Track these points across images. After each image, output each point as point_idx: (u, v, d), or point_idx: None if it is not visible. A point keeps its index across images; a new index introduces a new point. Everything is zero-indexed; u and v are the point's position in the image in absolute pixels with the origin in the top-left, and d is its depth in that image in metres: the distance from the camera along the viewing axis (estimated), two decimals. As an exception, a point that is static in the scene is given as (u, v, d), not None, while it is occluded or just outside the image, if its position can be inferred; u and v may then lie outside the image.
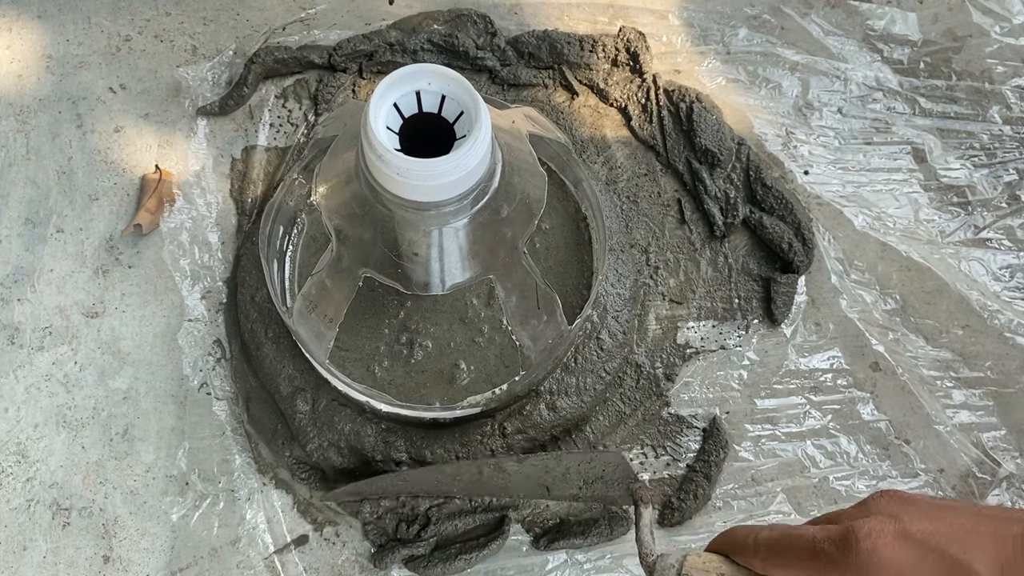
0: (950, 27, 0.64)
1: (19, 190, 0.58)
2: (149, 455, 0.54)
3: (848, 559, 0.34)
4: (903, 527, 0.34)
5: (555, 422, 0.53)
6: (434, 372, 0.48)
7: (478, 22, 0.62)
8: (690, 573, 0.40)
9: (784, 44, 0.63)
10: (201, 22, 0.62)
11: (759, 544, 0.38)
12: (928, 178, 0.61)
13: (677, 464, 0.54)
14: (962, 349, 0.57)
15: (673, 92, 0.60)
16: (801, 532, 0.36)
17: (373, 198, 0.39)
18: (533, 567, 0.52)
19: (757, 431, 0.55)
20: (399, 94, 0.38)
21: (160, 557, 0.52)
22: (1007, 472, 0.54)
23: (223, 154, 0.59)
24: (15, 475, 0.53)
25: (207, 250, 0.57)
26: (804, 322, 0.57)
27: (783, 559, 0.37)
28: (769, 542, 0.37)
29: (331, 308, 0.44)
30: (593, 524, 0.52)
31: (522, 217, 0.42)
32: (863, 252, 0.59)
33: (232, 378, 0.55)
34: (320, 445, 0.52)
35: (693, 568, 0.40)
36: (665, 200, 0.60)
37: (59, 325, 0.55)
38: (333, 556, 0.52)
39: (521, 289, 0.45)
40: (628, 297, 0.56)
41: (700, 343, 0.57)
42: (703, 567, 0.40)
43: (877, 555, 0.34)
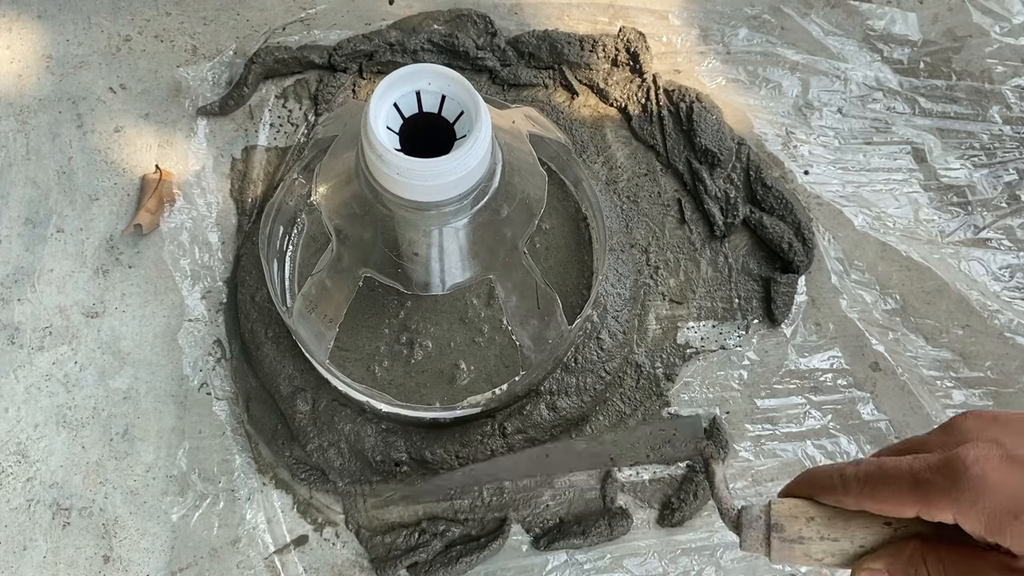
0: (950, 27, 0.64)
1: (19, 190, 0.58)
2: (149, 455, 0.54)
3: (959, 487, 0.33)
4: (1007, 451, 0.34)
5: (555, 422, 0.53)
6: (434, 372, 0.48)
7: (478, 22, 0.62)
8: (779, 521, 0.38)
9: (784, 44, 0.63)
10: (201, 22, 0.62)
11: (848, 481, 0.37)
12: (928, 178, 0.61)
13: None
14: (962, 349, 0.57)
15: (673, 92, 0.60)
16: (897, 464, 0.36)
17: (373, 198, 0.39)
18: (533, 567, 0.52)
19: (757, 431, 0.55)
20: (399, 94, 0.38)
21: (160, 557, 0.52)
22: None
23: (223, 154, 0.59)
24: (15, 475, 0.53)
25: (207, 250, 0.57)
26: (804, 322, 0.57)
27: (880, 493, 0.36)
28: (860, 477, 0.36)
29: (331, 308, 0.44)
30: (593, 524, 0.52)
31: (522, 217, 0.42)
32: (863, 252, 0.59)
33: (232, 378, 0.55)
34: (320, 445, 0.52)
35: (781, 516, 0.39)
36: (665, 200, 0.60)
37: (59, 325, 0.55)
38: (333, 556, 0.52)
39: (521, 289, 0.45)
40: (628, 297, 0.56)
41: (700, 343, 0.57)
42: (790, 513, 0.39)
43: (988, 480, 0.33)
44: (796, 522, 0.38)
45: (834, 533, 0.38)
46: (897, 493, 0.35)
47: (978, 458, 0.34)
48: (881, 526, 0.37)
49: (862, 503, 0.37)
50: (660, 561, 0.52)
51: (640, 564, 0.52)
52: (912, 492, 0.35)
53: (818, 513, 0.38)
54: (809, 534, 0.38)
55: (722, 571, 0.52)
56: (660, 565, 0.52)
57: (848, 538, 0.37)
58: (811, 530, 0.38)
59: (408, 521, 0.53)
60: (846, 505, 0.37)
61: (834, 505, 0.38)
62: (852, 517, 0.37)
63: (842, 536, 0.37)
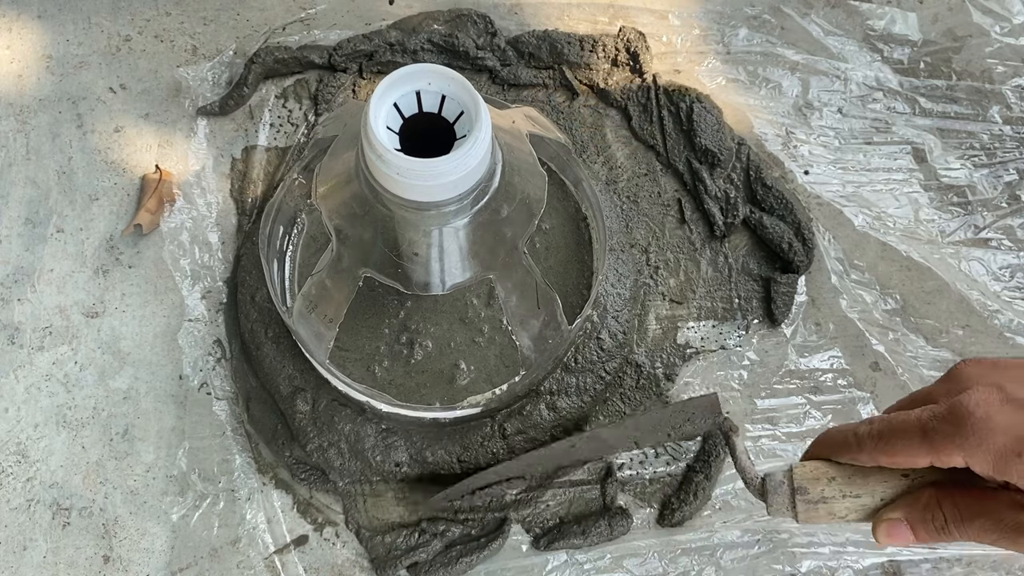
0: (950, 27, 0.64)
1: (19, 190, 0.58)
2: (149, 455, 0.54)
3: (964, 431, 0.35)
4: (1008, 394, 0.35)
5: (555, 422, 0.53)
6: (434, 372, 0.48)
7: (478, 22, 0.62)
8: (802, 484, 0.40)
9: (784, 44, 0.63)
10: (201, 22, 0.62)
11: (862, 439, 0.39)
12: (928, 178, 0.61)
13: (677, 464, 0.54)
14: (962, 349, 0.57)
15: (673, 92, 0.60)
16: (905, 418, 0.37)
17: (373, 198, 0.39)
18: (533, 567, 0.52)
19: (757, 431, 0.55)
20: (399, 94, 0.38)
21: (160, 557, 0.52)
22: (1007, 472, 0.54)
23: (223, 154, 0.60)
24: (15, 475, 0.53)
25: (207, 250, 0.57)
26: (804, 322, 0.57)
27: (893, 447, 0.37)
28: (873, 435, 0.38)
29: (331, 308, 0.44)
30: (593, 524, 0.52)
31: (522, 217, 0.42)
32: (863, 252, 0.59)
33: (232, 378, 0.55)
34: (320, 445, 0.52)
35: (803, 479, 0.40)
36: (665, 200, 0.60)
37: (59, 325, 0.55)
38: (333, 556, 0.52)
39: (521, 289, 0.45)
40: (628, 297, 0.56)
41: (700, 343, 0.57)
42: (812, 475, 0.40)
43: (992, 422, 0.35)
44: (818, 483, 0.40)
45: (855, 490, 0.39)
46: (908, 445, 0.37)
47: (980, 402, 0.35)
48: (899, 478, 0.39)
49: (877, 458, 0.38)
50: (660, 561, 0.52)
51: (640, 564, 0.52)
52: (922, 442, 0.36)
53: (838, 473, 0.40)
54: (831, 494, 0.40)
55: (722, 571, 0.52)
56: (660, 565, 0.52)
57: (869, 493, 0.39)
58: (833, 490, 0.40)
59: (408, 521, 0.53)
60: (862, 462, 0.39)
61: (851, 463, 0.40)
62: (870, 473, 0.39)
63: (863, 492, 0.39)
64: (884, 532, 0.39)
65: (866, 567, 0.52)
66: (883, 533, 0.39)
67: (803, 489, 0.40)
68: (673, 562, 0.52)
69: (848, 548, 0.53)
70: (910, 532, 0.39)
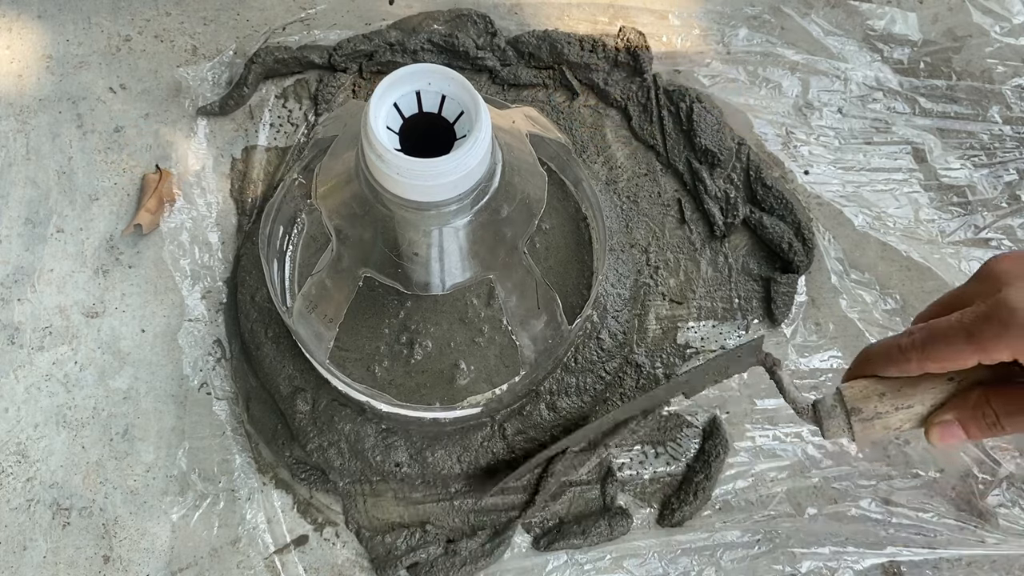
0: (950, 27, 0.64)
1: (19, 190, 0.58)
2: (149, 455, 0.54)
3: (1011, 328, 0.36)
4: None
5: (555, 422, 0.53)
6: (434, 372, 0.48)
7: (478, 22, 0.62)
8: (855, 405, 0.41)
9: (784, 44, 0.63)
10: (201, 22, 0.62)
11: (907, 350, 0.40)
12: (928, 178, 0.61)
13: (677, 463, 0.54)
14: (962, 349, 0.57)
15: (673, 92, 0.60)
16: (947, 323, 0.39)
17: (373, 198, 0.39)
18: (533, 568, 0.52)
19: (757, 431, 0.55)
20: (399, 94, 0.38)
21: (160, 557, 0.52)
22: (1007, 472, 0.54)
23: (223, 154, 0.60)
24: (15, 475, 0.53)
25: (207, 250, 0.57)
26: (804, 322, 0.57)
27: (939, 352, 0.39)
28: (917, 344, 0.40)
29: (331, 308, 0.44)
30: (593, 524, 0.52)
31: (522, 217, 0.42)
32: (863, 252, 0.59)
33: (232, 378, 0.55)
34: (320, 445, 0.52)
35: (855, 400, 0.41)
36: (665, 200, 0.60)
37: (59, 325, 0.55)
38: (333, 556, 0.52)
39: (521, 289, 0.45)
40: (628, 297, 0.56)
41: (700, 343, 0.57)
42: (862, 395, 0.41)
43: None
44: (870, 401, 0.41)
45: (906, 401, 0.41)
46: (955, 348, 0.38)
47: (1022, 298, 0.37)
48: (945, 383, 0.40)
49: (924, 366, 0.40)
50: (660, 561, 0.52)
51: (640, 564, 0.52)
52: (968, 343, 0.38)
53: (887, 387, 0.41)
54: (884, 409, 0.41)
55: (722, 571, 0.52)
56: (660, 565, 0.52)
57: (919, 402, 0.41)
58: (885, 405, 0.41)
59: (408, 521, 0.53)
60: (909, 372, 0.40)
61: (898, 376, 0.41)
62: (918, 383, 0.41)
63: (914, 401, 0.41)
64: (937, 435, 0.41)
65: (866, 567, 0.52)
66: (936, 436, 0.41)
67: (856, 409, 0.41)
68: (673, 562, 0.52)
69: (848, 548, 0.53)
70: (961, 431, 0.40)
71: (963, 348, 0.38)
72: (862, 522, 0.53)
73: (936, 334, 0.39)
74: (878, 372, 0.41)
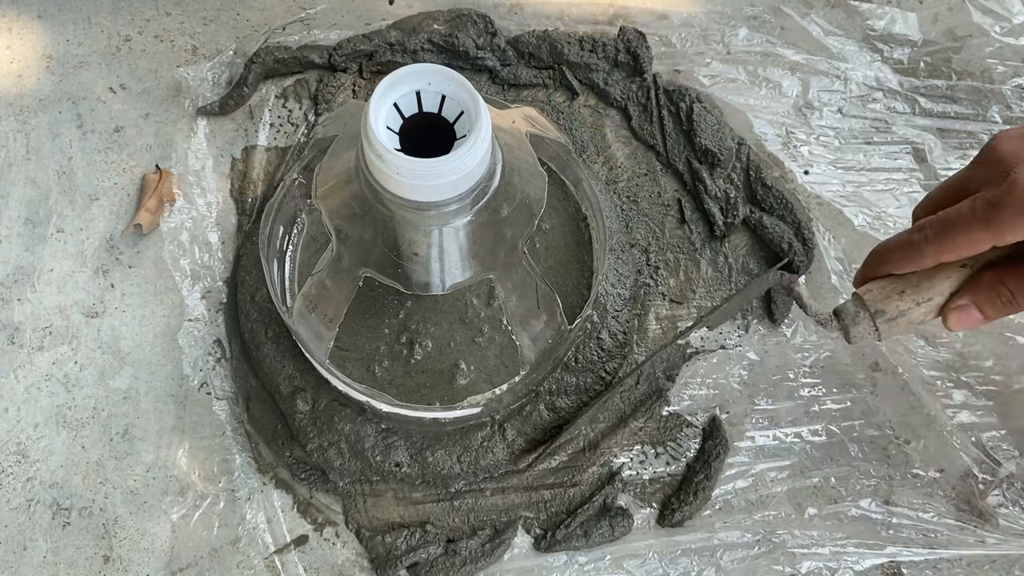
0: (950, 27, 0.64)
1: (19, 190, 0.58)
2: (149, 455, 0.54)
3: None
4: None
5: (555, 422, 0.53)
6: (434, 372, 0.48)
7: (478, 22, 0.62)
8: (877, 307, 0.42)
9: (784, 44, 0.63)
10: (201, 22, 0.62)
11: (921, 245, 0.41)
12: (928, 178, 0.61)
13: (677, 463, 0.54)
14: (962, 349, 0.57)
15: (673, 92, 0.60)
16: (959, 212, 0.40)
17: (373, 198, 0.39)
18: (534, 568, 0.52)
19: (757, 431, 0.55)
20: (399, 94, 0.38)
21: (160, 557, 0.52)
22: (1007, 472, 0.54)
23: (223, 154, 0.60)
24: (15, 475, 0.53)
25: (207, 250, 0.57)
26: (804, 322, 0.57)
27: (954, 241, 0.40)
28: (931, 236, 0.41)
29: (331, 308, 0.44)
30: (594, 525, 0.52)
31: (522, 217, 0.42)
32: (863, 252, 0.58)
33: (232, 378, 0.55)
34: (320, 445, 0.52)
35: (875, 301, 0.43)
36: (665, 200, 0.60)
37: (59, 325, 0.55)
38: (333, 556, 0.52)
39: (521, 289, 0.45)
40: (628, 297, 0.56)
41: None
42: (882, 295, 0.42)
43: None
44: (891, 301, 0.42)
45: (926, 295, 0.42)
46: (970, 235, 0.39)
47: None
48: (959, 270, 0.42)
49: (940, 257, 0.41)
50: (660, 562, 0.52)
51: (640, 565, 0.52)
52: (983, 228, 0.39)
53: (905, 284, 0.42)
54: (906, 305, 0.42)
55: (722, 572, 0.52)
56: (660, 566, 0.52)
57: (938, 292, 0.42)
58: (906, 301, 0.42)
59: (408, 521, 0.53)
60: (924, 265, 0.42)
61: (912, 271, 0.42)
62: (934, 274, 0.42)
63: (933, 293, 0.42)
64: (955, 320, 0.42)
65: (866, 568, 0.52)
66: (954, 321, 0.42)
67: (880, 311, 0.42)
68: (673, 563, 0.52)
69: (848, 548, 0.53)
70: (978, 313, 0.42)
71: (980, 235, 0.39)
72: (862, 522, 0.53)
73: (951, 224, 0.40)
74: (892, 271, 0.42)
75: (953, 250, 0.40)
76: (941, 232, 0.40)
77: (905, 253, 0.42)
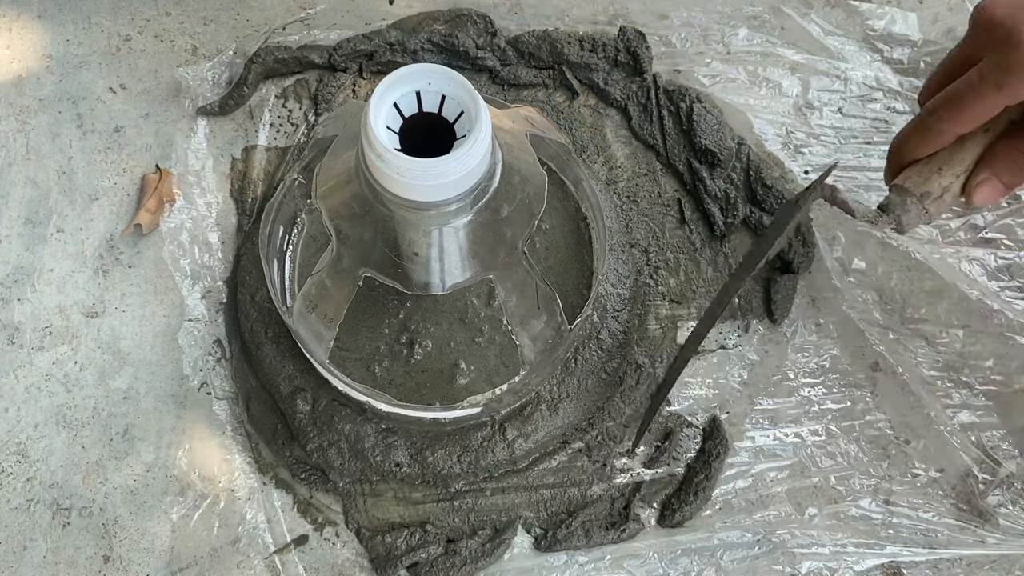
0: (950, 27, 0.64)
1: (19, 190, 0.58)
2: (149, 455, 0.54)
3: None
4: None
5: (555, 423, 0.53)
6: (434, 372, 0.48)
7: (478, 22, 0.62)
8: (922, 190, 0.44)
9: (784, 44, 0.63)
10: (201, 22, 0.62)
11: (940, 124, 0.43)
12: (928, 178, 0.61)
13: (677, 464, 0.54)
14: (962, 349, 0.57)
15: (673, 92, 0.60)
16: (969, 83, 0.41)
17: (373, 198, 0.39)
18: (534, 568, 0.52)
19: (757, 431, 0.55)
20: (399, 94, 0.38)
21: (160, 557, 0.52)
22: (1007, 472, 0.54)
23: (223, 154, 0.60)
24: (15, 475, 0.53)
25: (207, 250, 0.57)
26: (804, 322, 0.57)
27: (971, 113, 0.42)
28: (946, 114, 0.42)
29: (331, 308, 0.44)
30: (595, 525, 0.52)
31: (522, 217, 0.42)
32: (863, 252, 0.59)
33: (232, 378, 0.55)
34: (320, 445, 0.52)
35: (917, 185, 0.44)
36: (665, 200, 0.60)
37: (59, 325, 0.55)
38: (333, 556, 0.52)
39: (521, 289, 0.45)
40: (628, 297, 0.56)
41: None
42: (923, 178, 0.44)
43: None
44: (932, 181, 0.44)
45: (962, 165, 0.44)
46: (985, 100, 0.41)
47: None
48: (982, 134, 0.44)
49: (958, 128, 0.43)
50: (660, 562, 0.52)
51: (640, 564, 0.52)
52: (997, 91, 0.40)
53: (939, 162, 0.44)
54: (947, 180, 0.44)
55: (722, 571, 0.52)
56: (660, 566, 0.52)
57: (972, 158, 0.44)
58: (946, 177, 0.44)
59: (408, 521, 0.53)
60: (946, 142, 0.43)
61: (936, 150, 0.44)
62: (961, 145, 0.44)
63: (968, 162, 0.44)
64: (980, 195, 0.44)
65: (866, 568, 0.52)
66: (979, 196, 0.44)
67: (926, 194, 0.44)
68: (673, 563, 0.52)
69: (848, 548, 0.53)
70: (999, 183, 0.44)
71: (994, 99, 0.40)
72: (862, 522, 0.53)
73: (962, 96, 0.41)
74: (917, 156, 0.44)
75: (970, 120, 0.42)
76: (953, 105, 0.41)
77: (924, 137, 0.43)
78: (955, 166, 0.44)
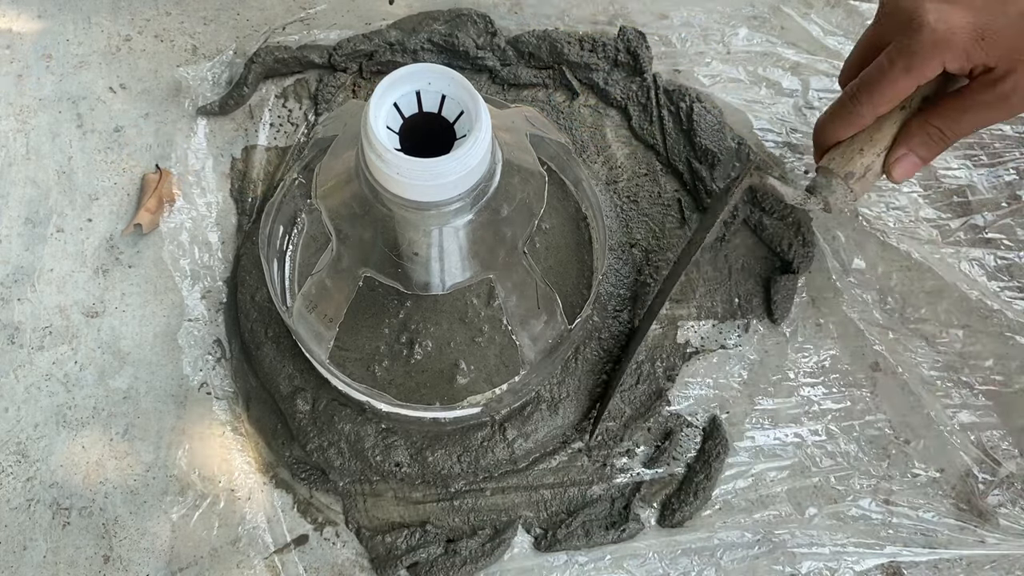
0: (950, 27, 0.64)
1: (19, 190, 0.58)
2: (149, 455, 0.54)
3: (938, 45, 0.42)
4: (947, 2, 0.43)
5: (555, 422, 0.53)
6: (434, 372, 0.48)
7: (478, 22, 0.62)
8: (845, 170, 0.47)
9: (784, 44, 0.63)
10: (201, 22, 0.62)
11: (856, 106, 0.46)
12: (928, 178, 0.61)
13: (677, 464, 0.54)
14: (962, 349, 0.57)
15: (673, 92, 0.60)
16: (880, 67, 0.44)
17: (373, 198, 0.39)
18: (534, 568, 0.52)
19: (757, 431, 0.55)
20: (399, 94, 0.38)
21: (160, 557, 0.52)
22: (1007, 472, 0.54)
23: (223, 154, 0.60)
24: (15, 475, 0.53)
25: (207, 250, 0.57)
26: (804, 322, 0.57)
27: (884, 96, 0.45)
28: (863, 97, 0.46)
29: (331, 308, 0.44)
30: (595, 525, 0.52)
31: (522, 217, 0.42)
32: (863, 252, 0.59)
33: (232, 378, 0.55)
34: (320, 445, 0.52)
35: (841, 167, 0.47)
36: (665, 200, 0.60)
37: (59, 325, 0.55)
38: (333, 556, 0.52)
39: (521, 289, 0.45)
40: (628, 297, 0.56)
41: (700, 343, 0.57)
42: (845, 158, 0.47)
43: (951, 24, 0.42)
44: (854, 161, 0.47)
45: (880, 144, 0.47)
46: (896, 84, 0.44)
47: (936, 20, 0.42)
48: (899, 112, 0.47)
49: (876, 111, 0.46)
50: (660, 562, 0.52)
51: (640, 564, 0.52)
52: (906, 75, 0.44)
53: (859, 143, 0.47)
54: (868, 160, 0.47)
55: (722, 571, 0.52)
56: (660, 566, 0.52)
57: (890, 137, 0.47)
58: (867, 156, 0.47)
59: (408, 521, 0.53)
60: (865, 124, 0.47)
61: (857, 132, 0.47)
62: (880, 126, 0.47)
63: (886, 140, 0.47)
64: (898, 171, 0.47)
65: (866, 568, 0.52)
66: (898, 172, 0.47)
67: (850, 174, 0.47)
68: (673, 563, 0.52)
69: (848, 548, 0.53)
70: (915, 158, 0.47)
71: (904, 82, 0.44)
72: (862, 522, 0.53)
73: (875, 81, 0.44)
74: (840, 138, 0.47)
75: (885, 102, 0.45)
76: (871, 90, 0.44)
77: (845, 120, 0.46)
78: (875, 145, 0.47)
